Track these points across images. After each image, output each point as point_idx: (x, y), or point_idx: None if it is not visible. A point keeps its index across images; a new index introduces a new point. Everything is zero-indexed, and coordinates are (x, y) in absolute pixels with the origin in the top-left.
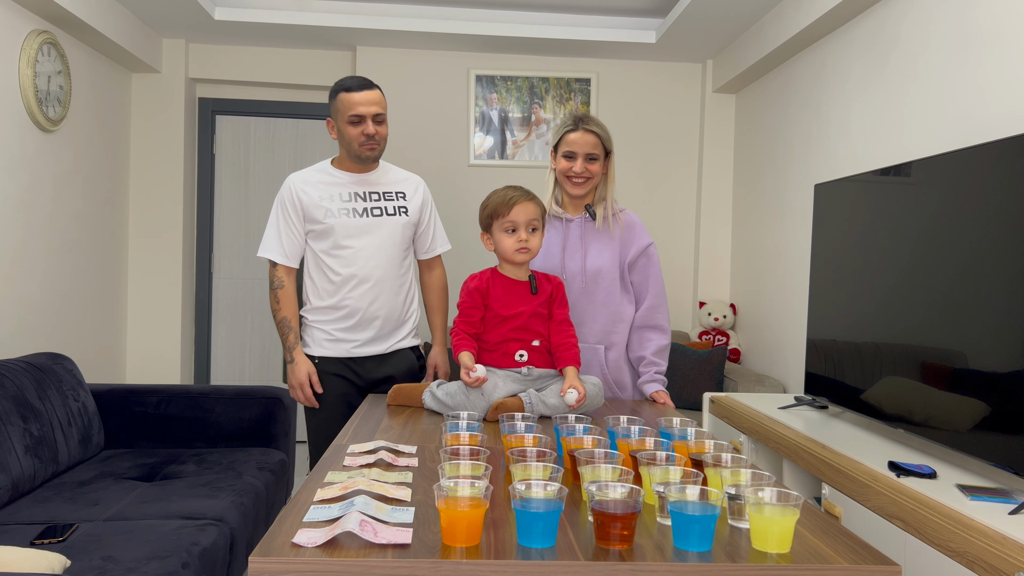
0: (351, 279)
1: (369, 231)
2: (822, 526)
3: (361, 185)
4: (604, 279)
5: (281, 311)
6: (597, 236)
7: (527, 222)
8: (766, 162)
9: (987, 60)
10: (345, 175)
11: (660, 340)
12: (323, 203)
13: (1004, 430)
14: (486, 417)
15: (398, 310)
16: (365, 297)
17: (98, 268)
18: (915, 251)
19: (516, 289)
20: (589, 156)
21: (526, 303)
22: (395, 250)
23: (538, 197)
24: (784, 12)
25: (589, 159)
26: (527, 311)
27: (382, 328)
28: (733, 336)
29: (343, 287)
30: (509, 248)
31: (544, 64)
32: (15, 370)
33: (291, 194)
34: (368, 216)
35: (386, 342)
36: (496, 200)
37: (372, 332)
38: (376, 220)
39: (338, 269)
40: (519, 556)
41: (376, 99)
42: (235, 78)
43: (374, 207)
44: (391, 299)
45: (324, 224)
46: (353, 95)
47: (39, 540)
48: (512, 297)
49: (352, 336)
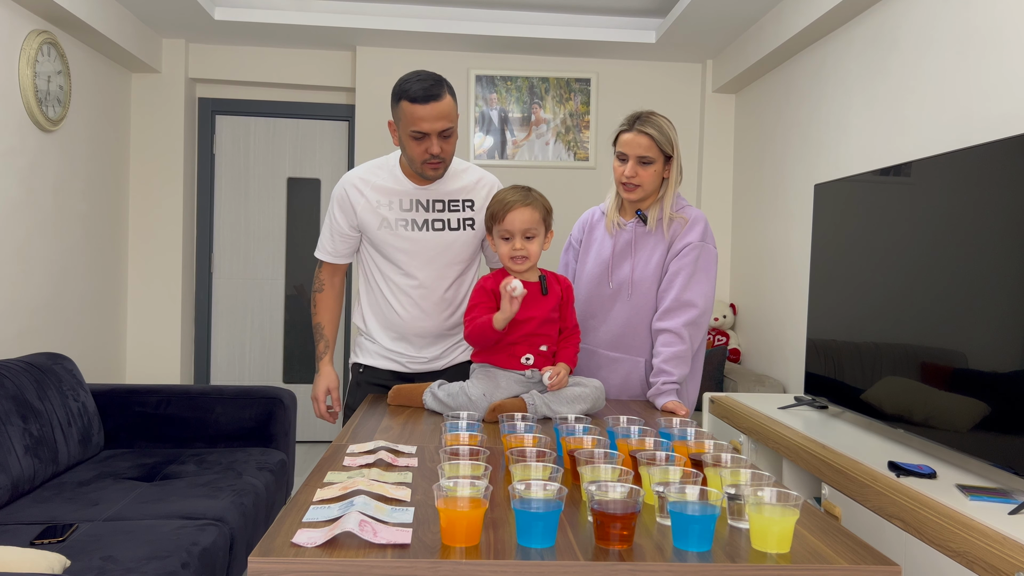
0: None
1: (427, 247)
2: (822, 526)
3: (424, 192)
4: (646, 288)
5: (316, 316)
6: (647, 242)
7: (522, 230)
8: (766, 162)
9: (987, 60)
10: (407, 180)
11: (673, 346)
12: (379, 210)
13: (1004, 430)
14: (485, 418)
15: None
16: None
17: (98, 268)
18: (915, 251)
19: (527, 291)
20: (642, 159)
21: (537, 307)
22: (452, 268)
23: (541, 198)
24: (784, 12)
25: (642, 163)
26: (539, 317)
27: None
28: (733, 336)
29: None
30: (504, 256)
31: (544, 64)
32: (15, 370)
33: (344, 195)
34: (428, 229)
35: (440, 360)
36: (495, 204)
37: (422, 348)
38: (436, 235)
39: (395, 279)
40: (518, 556)
41: (444, 112)
42: (235, 78)
43: (436, 219)
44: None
45: (377, 235)
46: (417, 108)
47: (39, 540)
48: (523, 299)
49: (401, 349)
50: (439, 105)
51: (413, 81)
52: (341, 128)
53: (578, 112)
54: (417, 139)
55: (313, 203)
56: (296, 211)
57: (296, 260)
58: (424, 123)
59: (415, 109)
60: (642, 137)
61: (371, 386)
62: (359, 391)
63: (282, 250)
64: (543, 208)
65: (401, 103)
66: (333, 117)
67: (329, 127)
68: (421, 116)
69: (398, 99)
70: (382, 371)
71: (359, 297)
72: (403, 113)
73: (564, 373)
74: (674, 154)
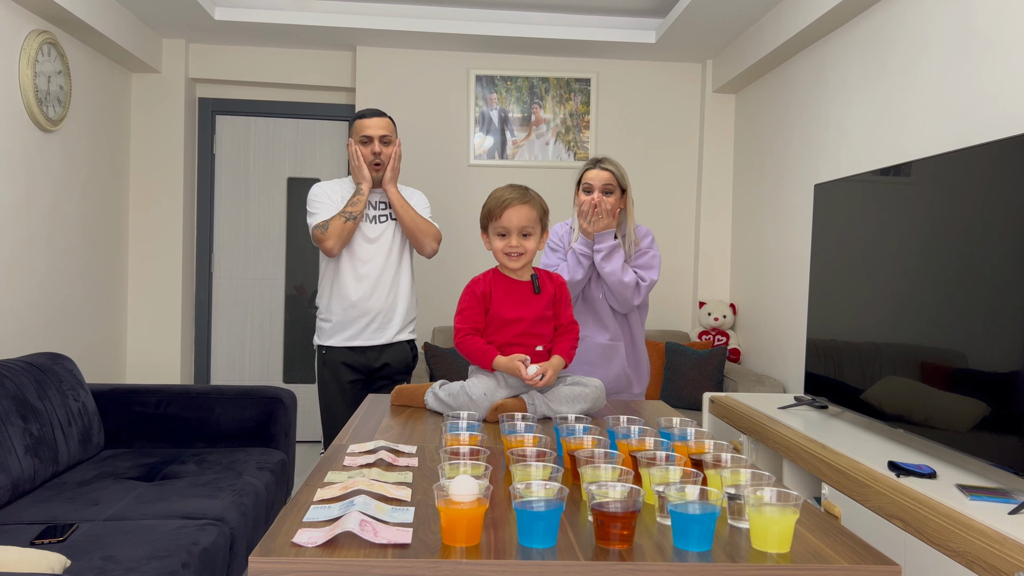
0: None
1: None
2: (822, 526)
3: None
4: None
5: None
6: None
7: (519, 227)
8: (766, 162)
9: (987, 60)
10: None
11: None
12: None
13: (1004, 430)
14: (486, 418)
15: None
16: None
17: (98, 268)
18: (915, 251)
19: (518, 290)
20: (605, 188)
21: (529, 306)
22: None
23: (538, 197)
24: (784, 12)
25: (605, 191)
26: (531, 315)
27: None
28: (733, 336)
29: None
30: (498, 251)
31: (544, 64)
32: (15, 370)
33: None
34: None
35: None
36: (492, 201)
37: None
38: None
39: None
40: (519, 556)
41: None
42: (235, 78)
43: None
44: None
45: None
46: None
47: (39, 540)
48: (514, 299)
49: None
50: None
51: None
52: (341, 128)
53: (578, 112)
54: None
55: None
56: (296, 211)
57: (296, 260)
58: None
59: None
60: (604, 172)
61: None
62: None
63: (282, 250)
64: (540, 207)
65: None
66: (333, 117)
67: (329, 127)
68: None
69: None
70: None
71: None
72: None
73: (551, 372)
74: (628, 188)
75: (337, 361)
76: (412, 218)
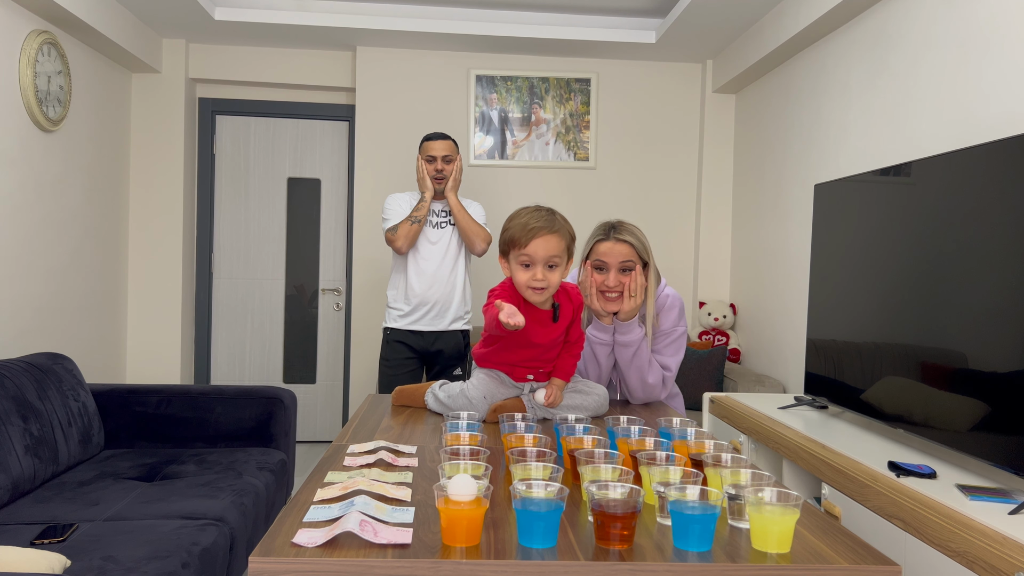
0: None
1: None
2: (822, 526)
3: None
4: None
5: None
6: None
7: (546, 258)
8: (766, 162)
9: (987, 60)
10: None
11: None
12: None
13: (1004, 430)
14: (487, 418)
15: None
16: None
17: (98, 268)
18: (915, 251)
19: (538, 315)
20: (624, 266)
21: (548, 332)
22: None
23: (566, 224)
24: (784, 12)
25: (624, 270)
26: (545, 342)
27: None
28: (733, 336)
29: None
30: (522, 284)
31: (544, 64)
32: (15, 370)
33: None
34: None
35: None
36: (516, 228)
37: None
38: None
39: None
40: (519, 556)
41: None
42: (235, 78)
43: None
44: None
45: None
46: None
47: (39, 540)
48: (533, 323)
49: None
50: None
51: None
52: (341, 128)
53: (578, 112)
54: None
55: (313, 203)
56: (296, 211)
57: (296, 260)
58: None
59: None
60: (621, 245)
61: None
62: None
63: (282, 250)
64: (568, 235)
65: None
66: (333, 117)
67: (329, 127)
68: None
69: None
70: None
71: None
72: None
73: (557, 392)
74: (650, 260)
75: (398, 340)
76: (466, 221)
